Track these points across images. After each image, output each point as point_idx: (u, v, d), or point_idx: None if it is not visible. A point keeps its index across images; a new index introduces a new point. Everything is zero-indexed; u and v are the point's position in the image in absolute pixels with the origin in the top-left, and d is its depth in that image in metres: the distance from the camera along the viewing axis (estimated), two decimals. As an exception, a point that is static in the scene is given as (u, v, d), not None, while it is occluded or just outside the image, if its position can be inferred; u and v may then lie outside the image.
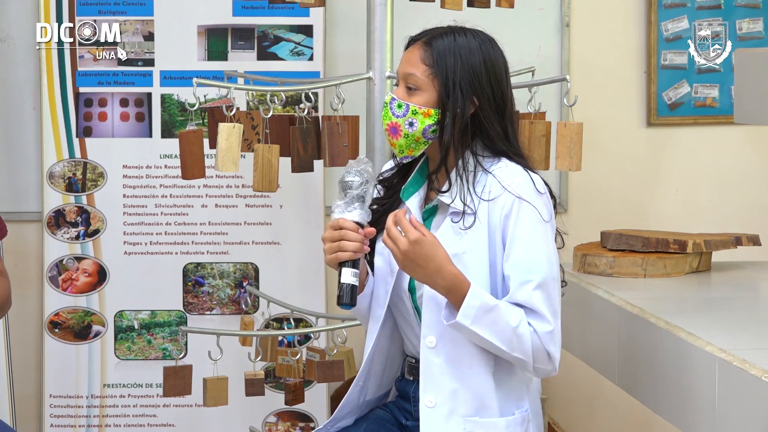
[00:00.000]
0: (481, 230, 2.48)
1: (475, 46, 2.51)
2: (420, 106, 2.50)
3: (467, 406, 2.49)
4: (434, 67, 2.50)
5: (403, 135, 2.52)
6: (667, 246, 3.29)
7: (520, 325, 2.43)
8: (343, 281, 2.47)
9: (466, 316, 2.40)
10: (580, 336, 3.25)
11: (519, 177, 2.49)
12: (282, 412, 4.19)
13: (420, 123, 2.51)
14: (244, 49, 4.16)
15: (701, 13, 4.39)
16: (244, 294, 4.18)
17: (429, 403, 2.49)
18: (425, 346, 2.51)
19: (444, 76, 2.49)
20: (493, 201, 2.48)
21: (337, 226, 2.47)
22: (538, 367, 2.47)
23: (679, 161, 4.47)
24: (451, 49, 2.50)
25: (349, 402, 2.66)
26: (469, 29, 2.56)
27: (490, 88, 2.51)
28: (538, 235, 2.46)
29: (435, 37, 2.53)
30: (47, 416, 4.17)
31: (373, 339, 2.61)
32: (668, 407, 2.68)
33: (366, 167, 2.50)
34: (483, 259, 2.48)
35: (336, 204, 2.50)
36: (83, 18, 4.14)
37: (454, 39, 2.51)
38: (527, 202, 2.47)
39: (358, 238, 2.46)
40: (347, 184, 2.49)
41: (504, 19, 4.18)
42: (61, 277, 4.17)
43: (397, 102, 2.52)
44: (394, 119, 2.52)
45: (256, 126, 3.51)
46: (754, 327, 2.74)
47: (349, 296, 2.46)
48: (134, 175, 4.17)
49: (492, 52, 2.53)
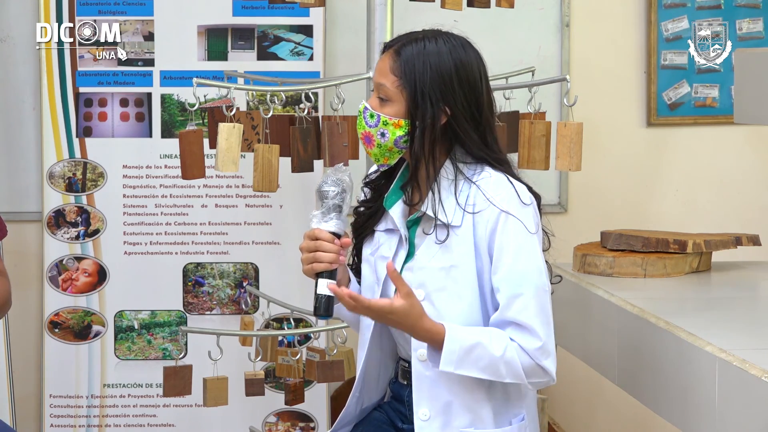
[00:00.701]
0: (468, 243, 2.46)
1: (446, 51, 2.46)
2: (390, 117, 2.47)
3: (462, 418, 2.48)
4: (402, 77, 2.45)
5: (376, 145, 2.50)
6: (667, 246, 3.29)
7: (506, 352, 2.40)
8: (319, 292, 2.46)
9: (448, 363, 2.39)
10: (580, 336, 3.25)
11: (503, 190, 2.45)
12: (282, 412, 4.19)
13: (391, 134, 2.48)
14: (244, 49, 4.16)
15: (701, 13, 4.39)
16: (244, 294, 4.18)
17: (423, 416, 2.49)
18: (416, 359, 2.50)
19: (412, 87, 2.44)
20: (479, 214, 2.45)
21: (313, 236, 2.46)
22: (534, 381, 2.45)
23: (679, 161, 4.47)
24: (420, 58, 2.45)
25: (348, 414, 2.67)
26: (443, 33, 2.50)
27: (462, 95, 2.46)
28: (525, 248, 2.44)
29: (405, 44, 2.47)
30: (47, 416, 4.17)
31: (365, 349, 2.60)
32: (668, 407, 2.68)
33: (343, 176, 2.48)
34: (471, 272, 2.46)
35: (313, 214, 2.49)
36: (83, 18, 4.14)
37: (423, 46, 2.46)
38: (513, 216, 2.43)
39: (334, 249, 2.45)
40: (324, 194, 2.47)
41: (504, 19, 4.19)
42: (61, 277, 4.17)
43: (369, 112, 2.50)
44: (367, 128, 2.50)
45: (256, 126, 3.51)
46: (754, 327, 2.74)
47: (324, 307, 2.46)
48: (134, 175, 4.17)
49: (465, 56, 2.47)
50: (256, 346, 3.68)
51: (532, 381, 2.44)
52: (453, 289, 2.46)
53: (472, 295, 2.46)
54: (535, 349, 2.42)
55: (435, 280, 2.47)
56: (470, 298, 2.46)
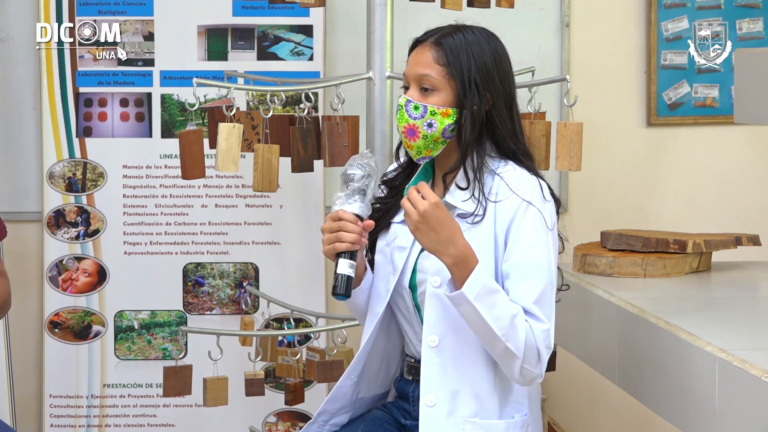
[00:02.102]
0: (488, 231, 2.48)
1: (484, 42, 2.52)
2: (438, 107, 2.50)
3: (467, 407, 2.48)
4: (449, 66, 2.49)
5: (421, 136, 2.51)
6: (667, 246, 3.29)
7: (518, 316, 2.41)
8: (339, 272, 2.47)
9: (471, 290, 2.37)
10: (580, 336, 3.25)
11: (528, 182, 2.49)
12: (282, 412, 4.19)
13: (439, 123, 2.50)
14: (244, 49, 4.16)
15: (701, 13, 4.39)
16: (244, 294, 4.18)
17: (429, 402, 2.49)
18: (427, 345, 2.50)
19: (460, 75, 2.49)
20: (501, 203, 2.48)
21: (336, 217, 2.48)
22: (526, 368, 2.43)
23: (679, 161, 4.47)
24: (463, 47, 2.50)
25: (342, 396, 2.65)
26: (472, 26, 2.56)
27: (501, 84, 2.52)
28: (541, 241, 2.46)
29: (444, 36, 2.52)
30: (47, 416, 4.17)
31: (368, 335, 2.60)
32: (668, 407, 2.68)
33: (369, 161, 2.51)
34: (489, 262, 2.47)
35: (337, 195, 2.51)
36: (83, 18, 4.14)
37: (463, 36, 2.51)
38: (534, 207, 2.46)
39: (357, 230, 2.47)
40: (349, 176, 2.50)
41: (504, 19, 4.18)
42: (61, 277, 4.17)
43: (413, 104, 2.51)
44: (412, 121, 2.51)
45: (256, 126, 3.51)
46: (754, 327, 2.74)
47: (344, 287, 2.47)
48: (134, 175, 4.18)
49: (499, 47, 2.55)
50: (256, 346, 3.68)
51: (524, 366, 2.43)
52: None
53: None
54: (541, 330, 2.43)
55: None
56: None
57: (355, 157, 2.53)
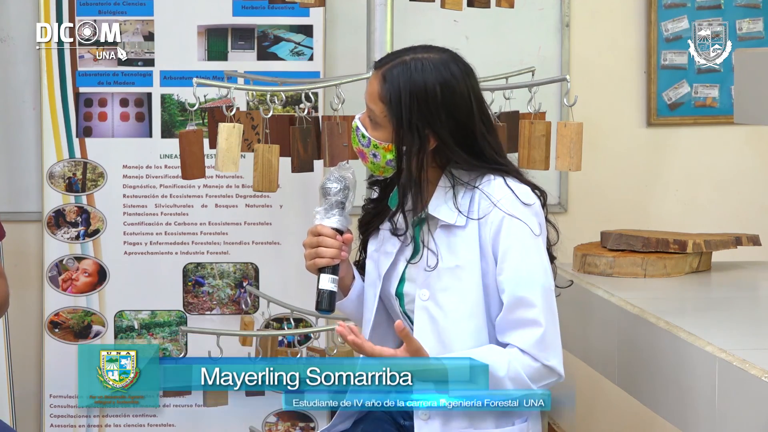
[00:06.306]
0: (473, 245, 2.47)
1: (431, 72, 2.44)
2: (380, 141, 2.48)
3: (462, 418, 2.48)
4: (388, 106, 2.45)
5: (369, 162, 2.52)
6: (667, 246, 3.29)
7: (509, 369, 2.41)
8: (321, 287, 2.50)
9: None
10: (580, 336, 3.25)
11: (504, 192, 2.47)
12: (282, 412, 4.19)
13: (382, 156, 2.50)
14: (244, 49, 4.16)
15: (701, 13, 4.39)
16: (244, 294, 4.18)
17: (423, 416, 2.49)
18: None
19: (398, 117, 2.44)
20: (484, 218, 2.47)
21: (315, 232, 2.51)
22: (543, 384, 2.46)
23: (679, 161, 4.47)
24: (406, 86, 2.43)
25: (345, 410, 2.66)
26: (430, 49, 2.49)
27: (450, 118, 2.45)
28: (531, 250, 2.46)
29: (391, 68, 2.46)
30: (47, 416, 4.17)
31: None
32: (668, 407, 2.68)
33: (346, 174, 2.52)
34: (475, 273, 2.47)
35: (316, 210, 2.53)
36: (83, 18, 4.13)
37: (410, 69, 2.44)
38: (516, 219, 2.45)
39: (336, 245, 2.49)
40: (326, 190, 2.52)
41: (504, 19, 4.18)
42: (61, 277, 4.17)
43: (360, 132, 2.51)
44: (360, 147, 2.52)
45: (256, 126, 3.51)
46: (754, 327, 2.74)
47: (327, 302, 2.49)
48: (134, 175, 4.17)
49: (449, 76, 2.45)
50: (256, 346, 3.68)
51: (541, 384, 2.45)
52: (457, 289, 2.47)
53: (476, 295, 2.46)
54: (535, 341, 2.42)
55: (439, 280, 2.48)
56: (474, 298, 2.46)
57: (333, 169, 2.54)
